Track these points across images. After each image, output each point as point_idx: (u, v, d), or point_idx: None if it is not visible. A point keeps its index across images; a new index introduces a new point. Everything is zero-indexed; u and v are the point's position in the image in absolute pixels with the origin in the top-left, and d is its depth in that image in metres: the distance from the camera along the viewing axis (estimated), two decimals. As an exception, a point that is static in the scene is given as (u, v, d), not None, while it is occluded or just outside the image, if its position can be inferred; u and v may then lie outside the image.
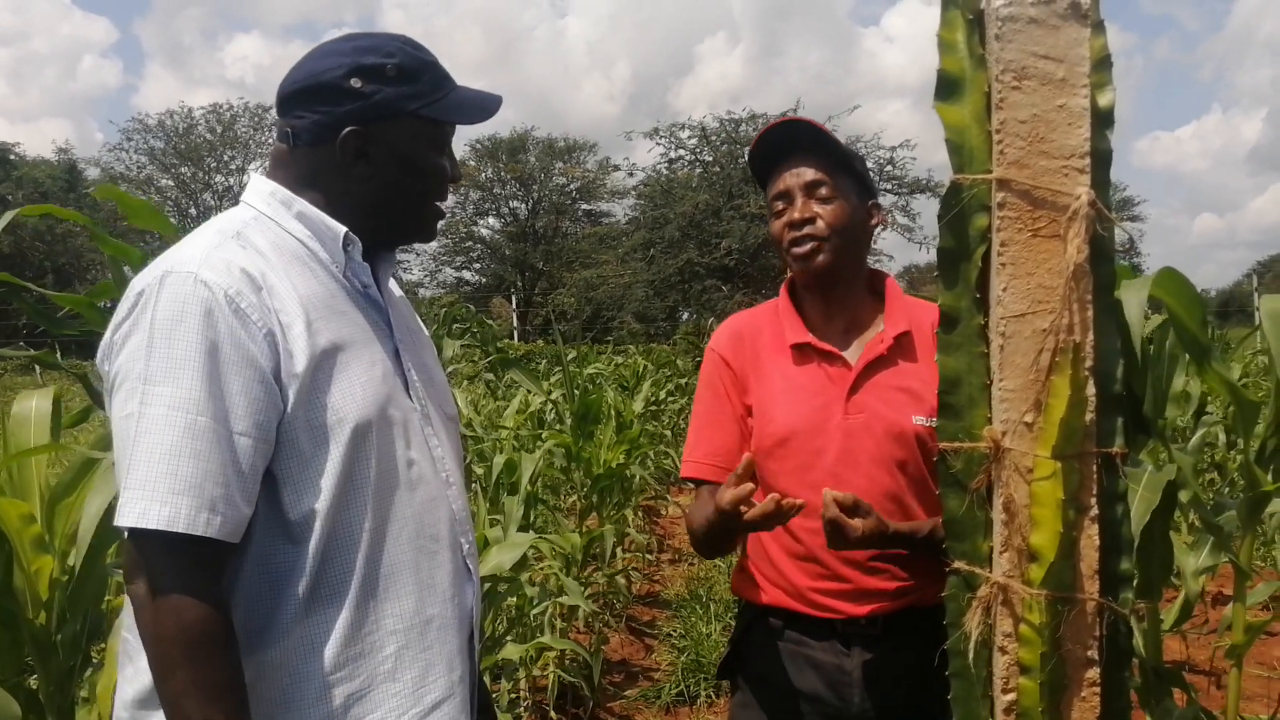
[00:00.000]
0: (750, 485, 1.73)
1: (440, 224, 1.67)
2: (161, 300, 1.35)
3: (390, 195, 1.55)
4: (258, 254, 1.44)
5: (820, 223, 1.97)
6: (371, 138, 1.51)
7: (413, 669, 1.48)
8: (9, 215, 2.50)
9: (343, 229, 1.52)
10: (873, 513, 1.81)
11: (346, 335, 1.47)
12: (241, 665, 1.35)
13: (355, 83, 1.48)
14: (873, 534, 1.79)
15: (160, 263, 1.41)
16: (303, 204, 1.52)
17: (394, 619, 1.46)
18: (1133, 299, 1.86)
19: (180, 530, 1.29)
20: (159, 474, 1.29)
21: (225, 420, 1.33)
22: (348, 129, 1.49)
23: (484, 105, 1.61)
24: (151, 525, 1.29)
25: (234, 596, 1.39)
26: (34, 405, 2.53)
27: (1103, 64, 1.51)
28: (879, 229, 2.10)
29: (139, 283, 1.40)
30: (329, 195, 1.53)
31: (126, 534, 1.34)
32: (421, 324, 1.80)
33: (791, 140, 2.02)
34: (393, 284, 1.71)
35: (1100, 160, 1.50)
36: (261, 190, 1.55)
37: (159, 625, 1.31)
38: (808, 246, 1.97)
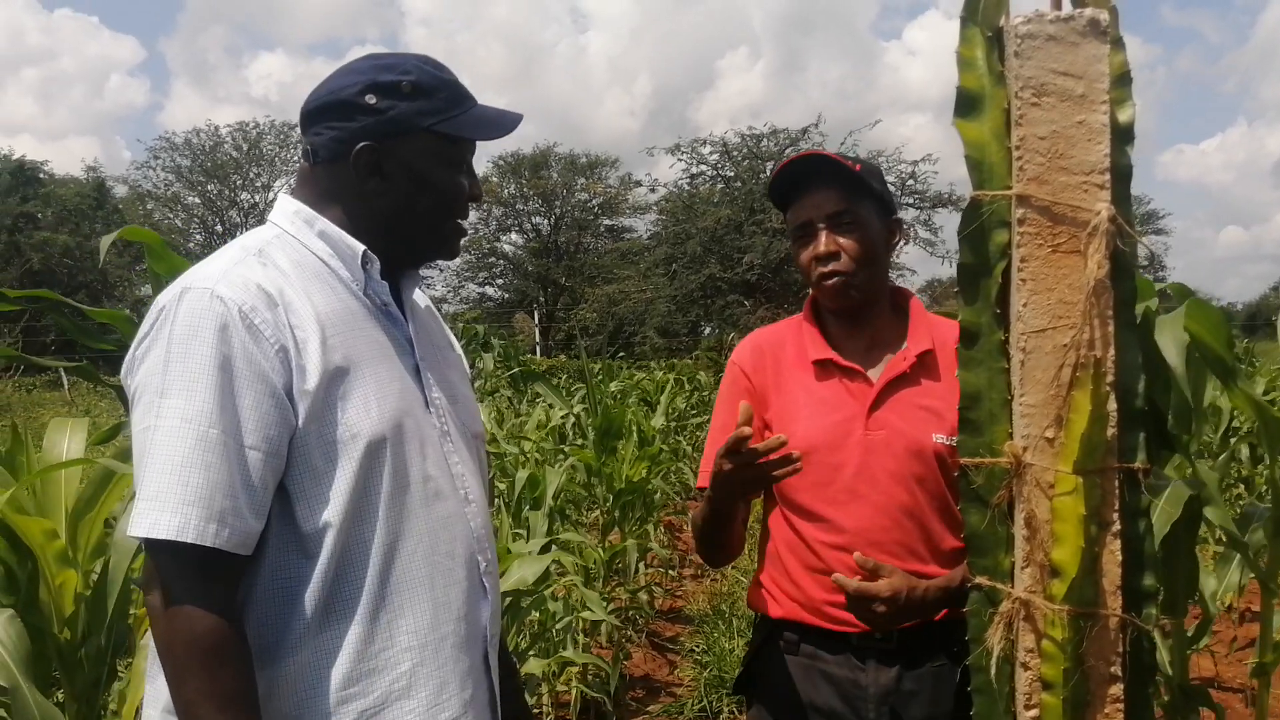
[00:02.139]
0: (747, 429, 1.73)
1: (464, 240, 1.67)
2: (179, 316, 1.37)
3: (404, 212, 1.55)
4: (278, 271, 1.46)
5: (845, 257, 1.97)
6: (386, 153, 1.51)
7: (427, 687, 1.47)
8: (110, 236, 2.54)
9: (361, 247, 1.53)
10: (896, 571, 1.82)
11: (363, 352, 1.48)
12: (254, 676, 1.35)
13: (370, 99, 1.49)
14: (902, 592, 1.80)
15: (182, 279, 1.44)
16: (324, 223, 1.54)
17: (408, 635, 1.46)
18: (1168, 337, 1.88)
19: (189, 540, 1.31)
20: (170, 485, 1.31)
21: (236, 434, 1.35)
22: (361, 144, 1.50)
23: (501, 122, 1.61)
24: (162, 535, 1.31)
25: (248, 610, 1.40)
26: (68, 430, 2.57)
27: (1122, 80, 1.51)
28: (900, 244, 2.11)
29: (161, 299, 1.43)
30: (347, 211, 1.55)
31: (142, 545, 1.36)
32: (453, 338, 1.80)
33: (811, 167, 2.02)
34: (420, 297, 1.71)
35: (1120, 176, 1.50)
36: (286, 209, 1.57)
37: (171, 634, 1.33)
38: (834, 281, 1.98)
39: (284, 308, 1.41)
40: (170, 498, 1.31)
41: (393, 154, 1.52)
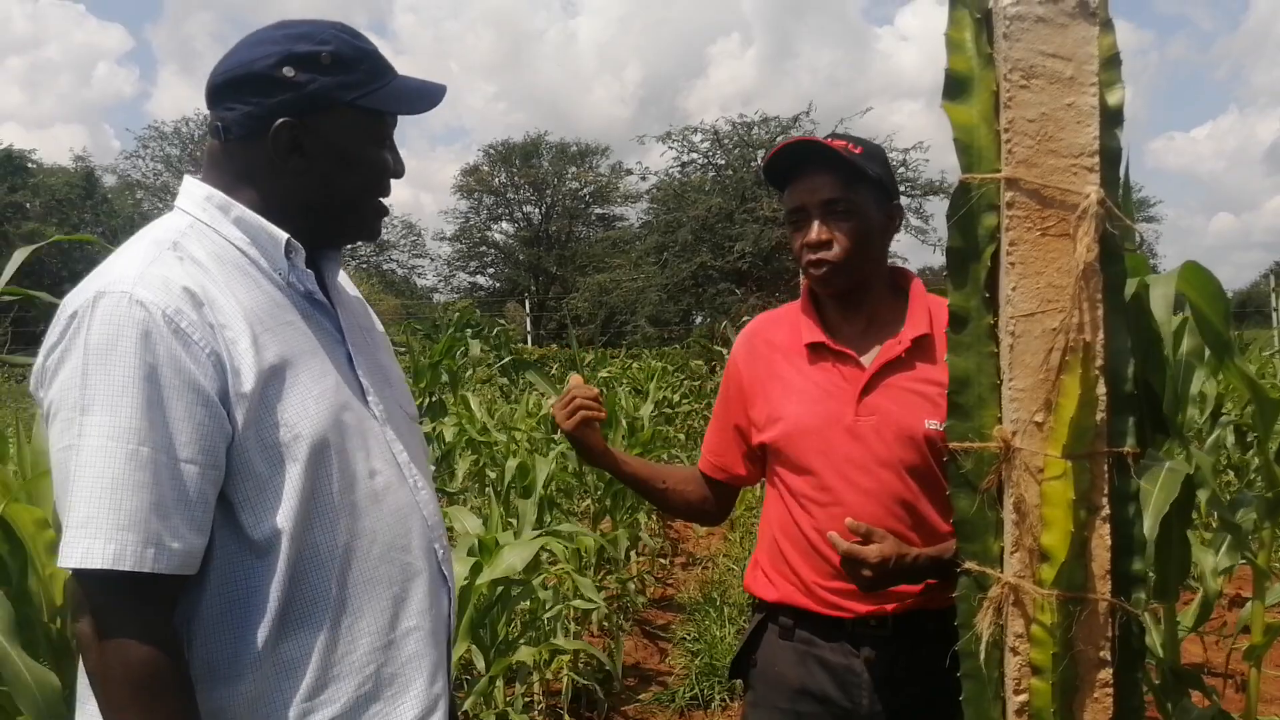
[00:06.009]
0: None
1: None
2: (95, 323, 1.27)
3: (327, 191, 1.47)
4: (197, 266, 1.36)
5: (836, 247, 1.94)
6: (306, 130, 1.42)
7: (393, 685, 1.42)
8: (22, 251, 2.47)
9: (284, 236, 1.44)
10: (887, 537, 1.81)
11: (295, 347, 1.40)
12: (194, 704, 1.29)
13: (288, 72, 1.40)
14: (891, 558, 1.78)
15: (92, 281, 1.32)
16: (240, 209, 1.44)
17: (371, 637, 1.40)
18: (1159, 295, 1.84)
19: (126, 568, 1.23)
20: (101, 510, 1.23)
21: (169, 448, 1.26)
22: (280, 120, 1.40)
23: (425, 95, 1.52)
24: (96, 565, 1.22)
25: (195, 626, 1.33)
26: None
27: (1111, 62, 1.50)
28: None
29: (71, 303, 1.31)
30: (263, 193, 1.45)
31: (72, 574, 1.27)
32: (375, 319, 1.72)
33: (807, 150, 1.98)
34: (344, 280, 1.63)
35: (1110, 159, 1.49)
36: (196, 195, 1.46)
37: (105, 666, 1.25)
38: (824, 270, 1.96)
39: (209, 307, 1.32)
40: (103, 523, 1.22)
41: (313, 130, 1.43)
